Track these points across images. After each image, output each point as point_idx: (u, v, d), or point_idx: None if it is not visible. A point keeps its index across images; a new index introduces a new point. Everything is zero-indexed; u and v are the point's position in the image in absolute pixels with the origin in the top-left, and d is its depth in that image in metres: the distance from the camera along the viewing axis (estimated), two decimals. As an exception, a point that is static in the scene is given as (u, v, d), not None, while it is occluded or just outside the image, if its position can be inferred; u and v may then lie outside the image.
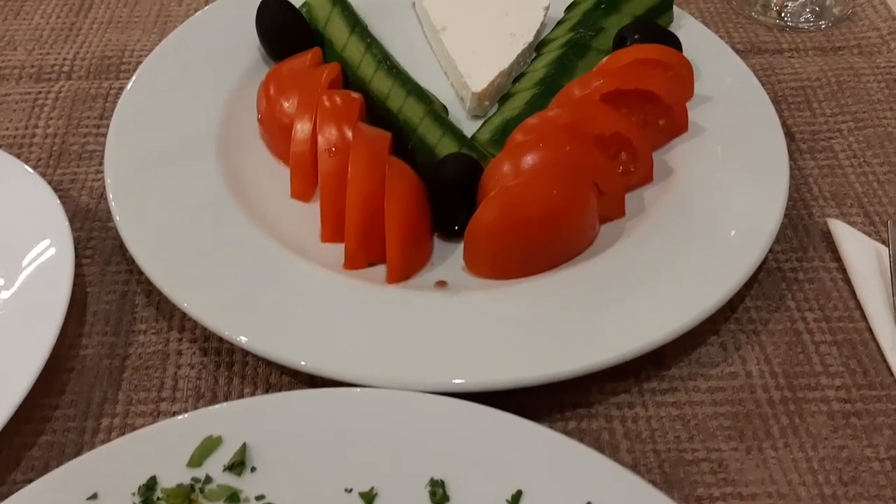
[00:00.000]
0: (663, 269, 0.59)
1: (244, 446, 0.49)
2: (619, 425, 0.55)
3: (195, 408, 0.56)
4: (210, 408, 0.51)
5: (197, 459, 0.49)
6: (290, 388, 0.57)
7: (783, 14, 0.85)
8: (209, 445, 0.49)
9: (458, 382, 0.53)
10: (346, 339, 0.56)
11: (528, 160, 0.59)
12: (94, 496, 0.47)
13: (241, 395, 0.57)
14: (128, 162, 0.66)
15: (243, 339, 0.55)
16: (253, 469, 0.49)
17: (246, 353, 0.59)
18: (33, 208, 0.62)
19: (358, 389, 0.52)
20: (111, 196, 0.63)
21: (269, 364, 0.58)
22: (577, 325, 0.56)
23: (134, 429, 0.55)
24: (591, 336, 0.56)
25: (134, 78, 0.72)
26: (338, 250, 0.62)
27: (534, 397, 0.56)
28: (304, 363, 0.54)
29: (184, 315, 0.61)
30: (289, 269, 0.61)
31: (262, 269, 0.60)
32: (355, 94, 0.67)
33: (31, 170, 0.65)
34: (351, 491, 0.48)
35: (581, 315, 0.57)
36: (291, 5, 0.75)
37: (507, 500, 0.47)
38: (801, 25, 0.85)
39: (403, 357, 0.55)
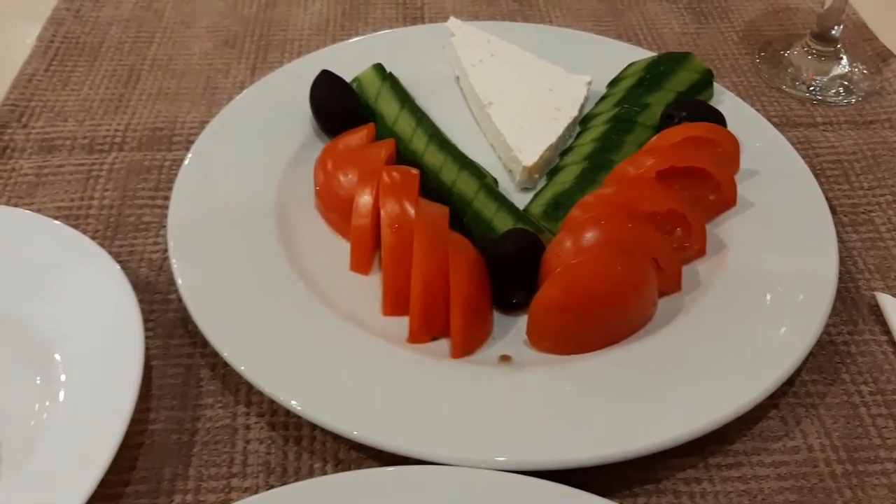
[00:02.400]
0: (724, 345, 0.60)
1: (326, 525, 0.50)
2: (688, 501, 0.56)
3: (266, 483, 0.56)
4: (289, 486, 0.52)
5: (281, 539, 0.49)
6: (359, 463, 0.58)
7: (812, 88, 0.88)
8: (291, 525, 0.50)
9: (526, 460, 0.54)
10: (409, 413, 0.57)
11: (591, 237, 0.60)
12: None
13: (310, 471, 0.57)
14: (189, 235, 0.67)
15: (294, 402, 0.56)
16: (336, 549, 0.49)
17: (314, 427, 0.59)
18: (100, 284, 0.63)
19: (434, 467, 0.52)
20: (175, 267, 0.64)
21: (338, 439, 0.59)
22: (644, 402, 0.57)
23: (207, 506, 0.55)
24: (658, 414, 0.56)
25: (192, 151, 0.74)
26: (396, 323, 0.63)
27: (601, 473, 0.56)
28: (356, 433, 0.55)
29: (250, 389, 0.61)
30: (351, 341, 0.61)
31: (323, 341, 0.61)
32: (414, 170, 0.68)
33: (96, 245, 0.65)
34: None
35: (646, 392, 0.58)
36: (344, 81, 0.77)
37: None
38: (830, 100, 0.87)
39: (470, 433, 0.55)
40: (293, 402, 0.56)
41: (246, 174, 0.73)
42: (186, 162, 0.72)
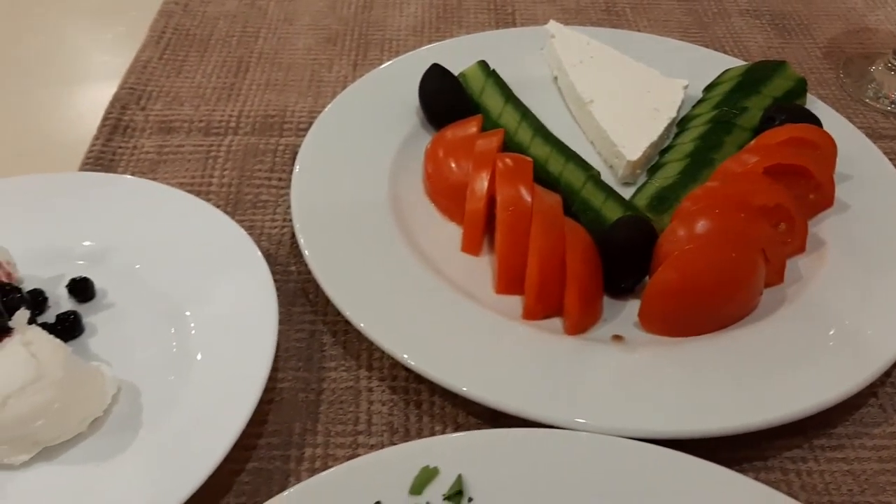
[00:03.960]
0: (826, 336, 0.63)
1: (460, 477, 0.53)
2: (796, 478, 0.58)
3: (391, 441, 0.60)
4: (425, 440, 0.55)
5: (418, 487, 0.52)
6: (477, 427, 0.61)
7: (894, 104, 0.91)
8: (428, 475, 0.53)
9: (639, 429, 0.56)
10: (526, 378, 0.60)
11: (704, 226, 0.63)
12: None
13: (431, 432, 0.61)
14: (311, 215, 0.70)
15: (406, 356, 0.60)
16: (470, 500, 0.52)
17: (433, 392, 0.62)
18: (230, 250, 0.67)
19: (566, 432, 0.55)
20: (302, 242, 0.67)
21: (456, 405, 0.62)
22: (750, 383, 0.60)
23: (336, 459, 0.59)
24: (763, 395, 0.59)
25: (307, 137, 0.77)
26: (508, 301, 0.66)
27: (709, 451, 0.58)
28: (465, 389, 0.58)
29: (371, 354, 0.65)
30: (466, 312, 0.65)
31: (439, 311, 0.65)
32: (527, 158, 0.71)
33: (225, 215, 0.69)
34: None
35: (753, 375, 0.61)
36: (452, 76, 0.81)
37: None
38: (911, 114, 0.90)
39: (585, 400, 0.58)
40: (405, 356, 0.60)
41: (359, 158, 0.76)
42: (303, 147, 0.76)
